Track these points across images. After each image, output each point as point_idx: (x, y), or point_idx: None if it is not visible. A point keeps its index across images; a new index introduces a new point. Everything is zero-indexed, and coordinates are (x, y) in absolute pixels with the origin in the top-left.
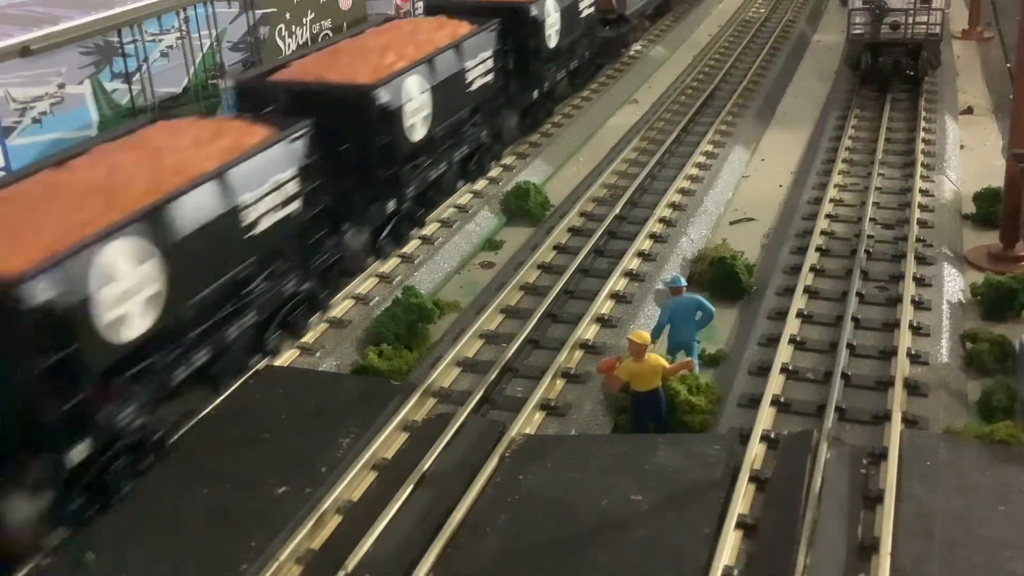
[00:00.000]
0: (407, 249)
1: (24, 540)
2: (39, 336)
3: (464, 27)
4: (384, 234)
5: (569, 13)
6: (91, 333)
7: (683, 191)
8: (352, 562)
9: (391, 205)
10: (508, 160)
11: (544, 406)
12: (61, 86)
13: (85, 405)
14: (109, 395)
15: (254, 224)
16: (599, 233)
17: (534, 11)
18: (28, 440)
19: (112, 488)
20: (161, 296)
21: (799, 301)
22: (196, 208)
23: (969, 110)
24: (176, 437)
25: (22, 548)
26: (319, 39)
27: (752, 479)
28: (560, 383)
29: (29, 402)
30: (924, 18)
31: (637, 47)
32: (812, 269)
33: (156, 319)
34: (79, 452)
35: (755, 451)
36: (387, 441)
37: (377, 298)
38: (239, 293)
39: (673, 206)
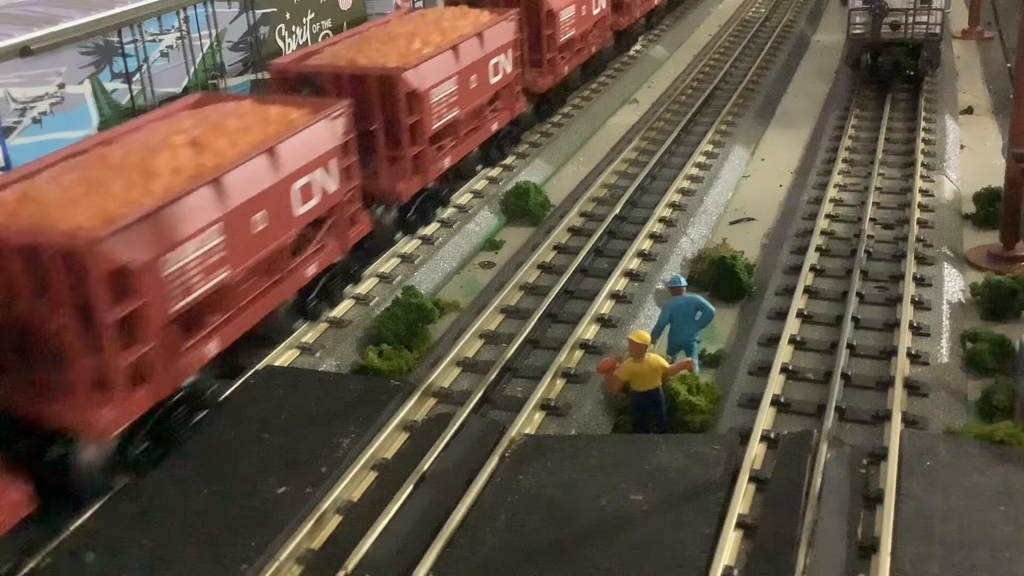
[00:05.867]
0: (407, 249)
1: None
2: None
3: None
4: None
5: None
6: None
7: (683, 191)
8: (352, 562)
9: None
10: (508, 160)
11: (544, 406)
12: (61, 86)
13: None
14: None
15: None
16: (599, 233)
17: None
18: None
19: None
20: None
21: (799, 301)
22: None
23: (969, 110)
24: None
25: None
26: (319, 39)
27: (752, 479)
28: (560, 383)
29: None
30: (924, 18)
31: (637, 47)
32: (812, 269)
33: None
34: None
35: (755, 451)
36: (387, 441)
37: (377, 298)
38: None
39: (673, 206)
